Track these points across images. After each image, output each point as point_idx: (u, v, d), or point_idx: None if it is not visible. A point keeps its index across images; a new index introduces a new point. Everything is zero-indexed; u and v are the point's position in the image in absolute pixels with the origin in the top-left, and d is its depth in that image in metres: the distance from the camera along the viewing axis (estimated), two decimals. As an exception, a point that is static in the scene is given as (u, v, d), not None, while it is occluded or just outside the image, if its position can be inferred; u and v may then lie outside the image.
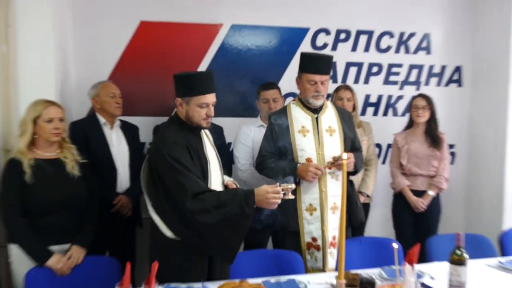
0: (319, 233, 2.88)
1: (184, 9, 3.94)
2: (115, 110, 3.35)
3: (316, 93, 2.87)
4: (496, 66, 4.20)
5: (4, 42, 2.95)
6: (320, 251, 2.88)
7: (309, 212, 2.88)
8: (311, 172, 2.78)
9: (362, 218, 3.09)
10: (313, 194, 2.89)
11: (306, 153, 2.88)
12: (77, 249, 2.63)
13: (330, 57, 2.98)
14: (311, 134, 2.90)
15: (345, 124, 3.00)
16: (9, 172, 2.59)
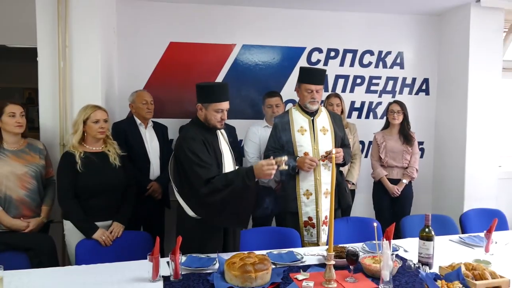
0: (314, 213, 2.85)
1: (205, 32, 3.91)
2: (146, 115, 3.31)
3: (312, 100, 2.86)
4: (457, 78, 4.13)
5: (62, 59, 2.92)
6: (315, 228, 2.86)
7: (306, 196, 2.86)
8: (307, 163, 2.77)
9: (349, 202, 3.05)
10: (309, 182, 2.86)
11: (304, 148, 2.86)
12: (117, 225, 2.61)
13: (324, 70, 2.95)
14: (308, 133, 2.88)
15: (336, 125, 2.97)
16: (64, 163, 2.57)
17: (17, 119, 2.58)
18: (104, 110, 2.67)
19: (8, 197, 2.56)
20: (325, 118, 2.96)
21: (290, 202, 2.89)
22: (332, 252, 1.93)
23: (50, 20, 2.89)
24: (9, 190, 2.56)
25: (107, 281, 1.97)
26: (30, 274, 2.07)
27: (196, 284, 1.93)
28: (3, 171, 2.54)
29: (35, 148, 2.72)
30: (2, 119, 2.56)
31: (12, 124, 2.57)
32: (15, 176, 2.58)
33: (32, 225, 2.60)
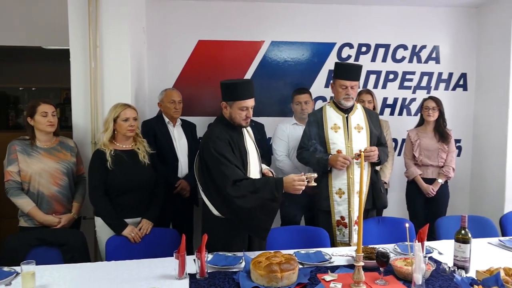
0: (346, 213, 2.81)
1: (233, 30, 3.90)
2: (174, 114, 3.34)
3: (346, 96, 2.81)
4: (497, 72, 3.93)
5: (93, 59, 2.98)
6: (347, 228, 2.81)
7: (338, 195, 2.83)
8: (340, 161, 2.73)
9: (385, 202, 2.96)
10: (342, 180, 2.81)
11: (337, 146, 2.82)
12: (147, 222, 2.64)
13: (359, 66, 2.89)
14: (341, 131, 2.84)
15: (372, 123, 2.91)
16: (95, 160, 2.62)
17: (49, 119, 2.66)
18: (133, 109, 2.71)
19: (41, 194, 2.64)
20: (361, 115, 2.89)
21: (323, 200, 2.86)
22: (361, 253, 1.87)
23: (81, 21, 2.96)
24: (42, 187, 2.64)
25: (135, 277, 1.99)
26: (61, 269, 2.13)
27: (222, 282, 1.93)
28: (36, 168, 2.63)
29: (66, 146, 2.80)
30: (35, 118, 2.64)
31: (44, 123, 2.65)
32: (47, 173, 2.66)
33: (64, 221, 2.68)
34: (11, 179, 2.60)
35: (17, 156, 2.61)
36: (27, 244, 2.41)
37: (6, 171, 2.60)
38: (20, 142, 2.66)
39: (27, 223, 2.64)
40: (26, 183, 2.63)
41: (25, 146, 2.65)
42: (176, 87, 3.65)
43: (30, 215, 2.60)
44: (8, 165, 2.61)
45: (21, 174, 2.62)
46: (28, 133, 2.68)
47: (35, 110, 2.64)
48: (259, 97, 3.73)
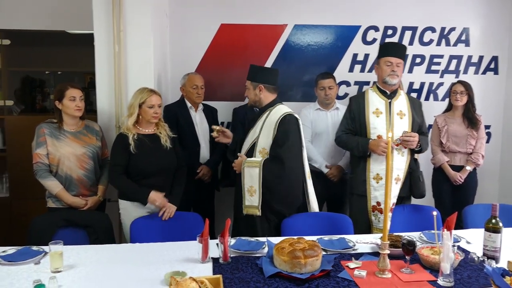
0: (383, 198, 2.78)
1: (256, 13, 3.83)
2: (196, 99, 3.33)
3: (392, 73, 2.78)
4: (532, 56, 3.74)
5: (117, 43, 2.97)
6: (382, 214, 2.79)
7: (376, 180, 2.81)
8: (382, 147, 2.70)
9: (423, 191, 2.91)
10: (381, 166, 2.77)
11: (377, 131, 2.79)
12: (170, 205, 2.65)
13: (404, 46, 2.90)
14: (383, 116, 2.80)
15: (415, 110, 2.86)
16: (118, 143, 2.64)
17: (77, 103, 2.68)
18: (158, 95, 2.70)
19: (69, 177, 2.68)
20: (404, 102, 2.84)
21: (359, 184, 2.85)
22: (386, 241, 1.82)
23: (105, 5, 2.94)
24: (70, 170, 2.68)
25: (159, 260, 2.01)
26: (88, 249, 2.17)
27: (245, 267, 1.92)
28: (64, 152, 2.66)
29: (92, 129, 2.82)
30: (63, 102, 2.66)
31: (72, 107, 2.67)
32: (75, 157, 2.69)
33: (90, 203, 2.72)
34: (40, 161, 2.63)
35: (46, 139, 2.64)
36: (54, 225, 2.46)
37: (35, 154, 2.64)
38: (48, 126, 2.69)
39: (55, 204, 2.69)
40: (54, 166, 2.66)
41: (53, 130, 2.68)
42: (198, 72, 3.64)
43: (58, 196, 2.64)
44: (36, 148, 2.64)
45: (50, 157, 2.65)
46: (55, 117, 2.71)
47: (63, 94, 2.65)
48: (282, 82, 3.71)
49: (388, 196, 1.86)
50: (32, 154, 2.66)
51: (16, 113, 3.50)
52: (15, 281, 1.79)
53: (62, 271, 1.88)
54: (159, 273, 1.85)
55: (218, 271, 1.86)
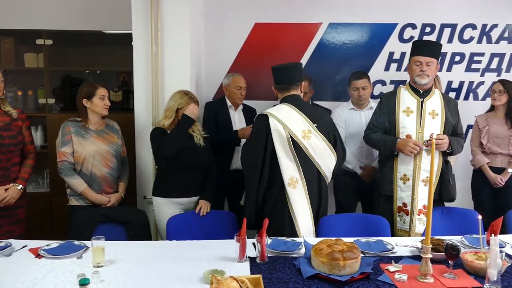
0: (409, 200, 2.72)
1: (290, 12, 3.80)
2: (238, 100, 3.37)
3: (420, 73, 2.70)
4: None
5: (154, 43, 3.01)
6: (408, 216, 2.72)
7: (402, 181, 2.74)
8: (410, 147, 2.64)
9: (452, 195, 2.80)
10: (408, 166, 2.72)
11: (407, 130, 2.72)
12: (205, 202, 2.70)
13: (436, 43, 2.84)
14: (414, 115, 2.73)
15: (449, 110, 2.76)
16: (156, 132, 2.69)
17: (106, 102, 2.73)
18: (197, 103, 2.74)
19: (93, 175, 2.71)
20: (437, 101, 2.75)
21: (386, 184, 2.79)
22: (429, 245, 1.77)
23: (144, 5, 2.99)
24: (95, 168, 2.71)
25: (196, 257, 2.02)
26: (127, 245, 2.21)
27: (283, 267, 1.91)
28: (90, 150, 2.70)
29: (112, 128, 2.87)
30: (93, 100, 2.70)
31: (101, 106, 2.71)
32: (99, 155, 2.72)
33: (113, 200, 2.76)
34: (65, 160, 2.66)
35: (72, 137, 2.67)
36: (94, 221, 2.53)
37: (60, 152, 2.66)
38: (74, 124, 2.72)
39: (79, 202, 2.71)
40: (79, 164, 2.69)
41: (78, 128, 2.71)
42: (232, 71, 3.66)
43: (82, 194, 2.67)
44: (62, 146, 2.66)
45: (75, 155, 2.68)
46: (81, 115, 2.74)
47: (93, 93, 2.69)
48: (316, 81, 3.68)
49: (431, 197, 1.80)
50: (57, 152, 2.69)
51: (56, 111, 3.62)
52: (60, 274, 1.85)
53: (103, 266, 1.92)
54: (197, 270, 1.86)
55: (256, 271, 1.86)
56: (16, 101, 3.62)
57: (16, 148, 2.67)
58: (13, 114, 2.68)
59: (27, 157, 2.77)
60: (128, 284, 1.77)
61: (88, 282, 1.59)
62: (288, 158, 2.40)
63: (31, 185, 3.53)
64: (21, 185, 2.67)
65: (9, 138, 2.62)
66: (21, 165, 2.74)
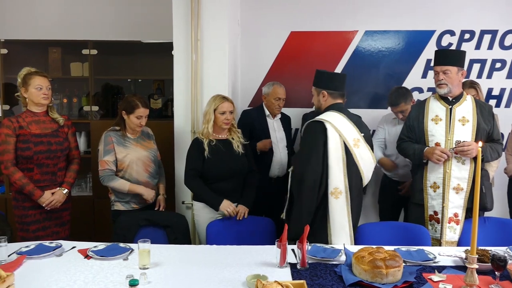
0: (440, 208, 2.68)
1: (326, 20, 3.82)
2: (275, 110, 3.44)
3: (438, 82, 2.68)
4: None
5: (194, 52, 3.10)
6: (439, 224, 2.68)
7: (432, 189, 2.70)
8: (436, 154, 2.60)
9: (485, 203, 2.71)
10: (438, 174, 2.68)
11: (436, 138, 2.68)
12: (243, 207, 2.73)
13: (455, 50, 2.79)
14: (442, 123, 2.69)
15: (482, 116, 2.69)
16: (194, 148, 2.75)
17: (142, 121, 2.80)
18: (231, 102, 2.79)
19: (135, 180, 2.80)
20: (469, 107, 2.69)
21: (416, 192, 2.77)
22: (475, 255, 1.74)
23: (184, 16, 3.09)
24: (137, 174, 2.81)
25: (237, 263, 2.06)
26: (169, 249, 2.28)
27: (324, 274, 1.92)
28: (132, 157, 2.79)
29: (147, 134, 2.96)
30: (130, 117, 2.78)
31: (136, 124, 2.79)
32: (140, 161, 2.82)
33: (162, 203, 2.89)
34: (107, 168, 2.74)
35: (114, 146, 2.77)
36: (137, 224, 2.62)
37: (103, 161, 2.74)
38: (115, 133, 2.82)
39: (124, 207, 2.81)
40: (122, 171, 2.79)
41: (118, 137, 2.81)
42: (267, 79, 3.71)
43: (131, 191, 2.75)
44: (104, 155, 2.75)
45: (118, 163, 2.77)
46: (119, 124, 2.84)
47: (133, 111, 2.75)
48: (352, 89, 3.67)
49: (476, 206, 1.77)
50: (99, 161, 2.77)
51: (96, 118, 3.76)
52: (109, 274, 1.93)
53: (149, 268, 1.99)
54: (240, 275, 1.90)
55: (297, 277, 1.88)
56: (62, 108, 3.79)
57: (62, 154, 2.80)
58: (60, 121, 2.81)
59: (72, 162, 2.90)
60: (174, 287, 1.83)
61: (137, 283, 1.66)
62: (338, 166, 2.38)
63: (75, 189, 3.68)
64: (66, 189, 2.79)
65: (56, 144, 2.75)
66: (67, 170, 2.86)
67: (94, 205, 3.66)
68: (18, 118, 2.68)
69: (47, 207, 2.70)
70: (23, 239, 2.56)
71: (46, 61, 3.71)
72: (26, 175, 2.65)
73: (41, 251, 2.16)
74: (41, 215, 2.72)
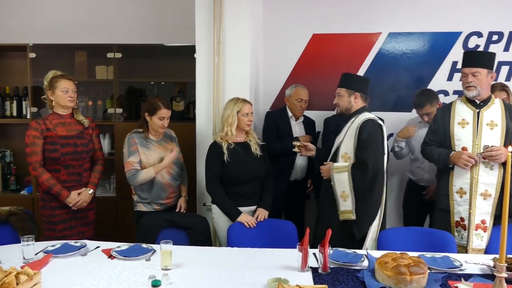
0: (466, 214, 2.61)
1: (349, 22, 3.79)
2: (297, 112, 3.44)
3: (466, 84, 2.61)
4: None
5: (217, 55, 3.13)
6: (466, 231, 2.61)
7: (459, 195, 2.63)
8: (463, 159, 2.53)
9: None
10: (465, 179, 2.61)
11: (462, 143, 2.61)
12: (262, 210, 2.74)
13: (484, 52, 2.72)
14: (469, 126, 2.62)
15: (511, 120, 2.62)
16: (212, 153, 2.77)
17: (164, 122, 2.84)
18: (250, 104, 2.81)
19: (158, 182, 2.83)
20: (497, 111, 2.62)
21: (442, 198, 2.70)
22: (504, 263, 1.69)
23: (207, 19, 3.12)
24: (160, 177, 2.83)
25: (258, 265, 2.07)
26: (190, 250, 2.30)
27: (346, 279, 1.90)
28: (154, 159, 2.82)
29: (170, 136, 2.99)
30: (153, 118, 2.82)
31: (159, 125, 2.83)
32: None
33: (183, 204, 2.93)
34: (133, 168, 2.78)
35: (137, 148, 2.81)
36: (159, 225, 2.65)
37: (128, 162, 2.78)
38: (138, 135, 2.86)
39: (146, 208, 2.84)
40: None
41: (142, 139, 2.85)
42: (289, 82, 3.71)
43: (157, 170, 2.75)
44: (129, 156, 2.79)
45: (141, 165, 2.80)
46: (142, 126, 2.88)
47: (155, 112, 2.79)
48: (375, 92, 3.63)
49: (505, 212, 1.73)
50: (124, 163, 2.81)
51: (120, 120, 3.82)
52: (132, 274, 1.96)
53: (171, 269, 2.01)
54: (260, 278, 1.90)
55: (318, 281, 1.87)
56: (87, 111, 3.88)
57: (87, 155, 2.86)
58: (85, 123, 2.88)
59: (96, 163, 2.96)
60: (196, 288, 1.84)
61: (160, 284, 1.68)
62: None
63: (99, 190, 3.73)
64: (92, 190, 2.85)
65: (82, 146, 2.81)
66: (91, 171, 2.92)
67: (117, 205, 3.72)
68: (45, 121, 2.75)
69: (73, 207, 2.76)
70: (50, 239, 2.63)
71: (73, 64, 3.81)
72: (53, 176, 2.72)
73: (66, 250, 2.22)
74: (68, 214, 2.79)
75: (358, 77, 2.73)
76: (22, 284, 1.62)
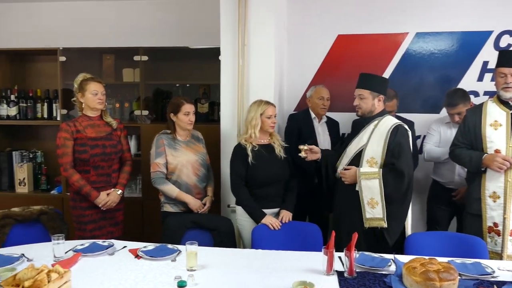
0: (500, 219, 2.52)
1: (375, 23, 3.73)
2: (320, 111, 3.40)
3: (505, 85, 2.52)
4: None
5: (241, 58, 3.14)
6: (500, 237, 2.52)
7: (492, 199, 2.55)
8: (497, 162, 2.45)
9: None
10: (498, 183, 2.52)
11: (495, 145, 2.54)
12: (286, 212, 2.73)
13: None
14: (503, 128, 2.54)
15: None
16: (237, 154, 2.79)
17: (190, 117, 2.87)
18: (274, 106, 2.81)
19: (184, 183, 2.86)
20: None
21: (473, 202, 2.62)
22: (540, 271, 1.63)
23: (232, 22, 3.14)
24: (186, 177, 2.86)
25: (283, 268, 2.06)
26: (215, 251, 2.32)
27: (372, 284, 1.87)
28: (181, 160, 2.85)
29: (197, 138, 3.02)
30: (178, 116, 2.86)
31: (186, 121, 2.86)
32: (190, 165, 2.88)
33: (208, 203, 2.92)
34: (159, 170, 2.82)
35: (165, 149, 2.85)
36: (184, 226, 2.68)
37: (154, 163, 2.83)
38: (166, 136, 2.90)
39: (173, 209, 2.88)
40: (172, 174, 2.86)
41: (170, 140, 2.88)
42: (314, 83, 3.68)
43: (178, 198, 2.81)
44: (156, 157, 2.84)
45: (168, 166, 2.84)
46: (170, 127, 2.92)
47: (179, 109, 2.84)
48: (402, 93, 3.57)
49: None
50: (151, 163, 2.87)
51: (146, 122, 3.89)
52: (158, 275, 1.98)
53: (196, 270, 2.03)
54: (285, 281, 1.89)
55: (344, 285, 1.85)
56: (114, 113, 3.96)
57: (116, 156, 2.92)
58: (113, 125, 2.94)
59: (124, 164, 3.02)
60: (221, 289, 1.85)
61: (185, 285, 1.70)
62: None
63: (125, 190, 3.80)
64: (120, 190, 2.91)
65: (110, 147, 2.87)
66: (120, 172, 2.98)
67: (143, 206, 3.78)
68: (75, 122, 2.83)
69: (103, 208, 2.82)
70: (81, 239, 2.69)
71: (100, 67, 3.91)
72: (83, 176, 2.79)
73: (95, 249, 2.27)
74: (97, 215, 2.85)
75: (379, 78, 2.69)
76: (53, 282, 1.67)
